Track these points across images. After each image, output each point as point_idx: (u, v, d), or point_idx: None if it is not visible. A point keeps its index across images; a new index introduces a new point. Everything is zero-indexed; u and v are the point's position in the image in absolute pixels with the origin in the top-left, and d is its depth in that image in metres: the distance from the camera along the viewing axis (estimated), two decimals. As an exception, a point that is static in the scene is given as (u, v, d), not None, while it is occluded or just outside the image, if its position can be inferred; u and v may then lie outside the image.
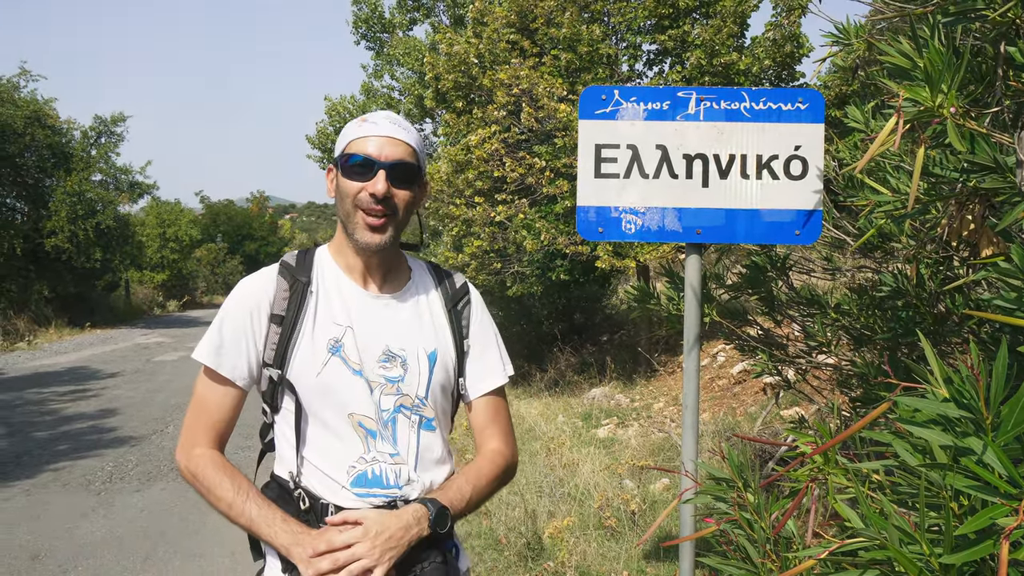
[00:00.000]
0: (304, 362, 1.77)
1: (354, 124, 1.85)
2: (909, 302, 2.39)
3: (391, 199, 1.78)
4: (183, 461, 1.79)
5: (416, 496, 1.78)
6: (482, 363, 1.98)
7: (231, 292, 1.88)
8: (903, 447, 1.08)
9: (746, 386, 8.78)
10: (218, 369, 1.78)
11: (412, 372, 1.84)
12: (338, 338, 1.80)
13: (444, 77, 10.56)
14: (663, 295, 3.20)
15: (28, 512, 5.92)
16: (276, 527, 1.66)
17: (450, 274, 2.03)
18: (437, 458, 1.87)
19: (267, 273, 1.87)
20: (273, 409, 1.84)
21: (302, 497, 1.76)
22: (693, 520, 2.60)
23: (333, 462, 1.77)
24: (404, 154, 1.80)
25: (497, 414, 2.00)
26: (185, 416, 1.86)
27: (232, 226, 45.79)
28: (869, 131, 2.29)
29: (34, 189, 20.88)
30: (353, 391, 1.78)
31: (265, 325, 1.80)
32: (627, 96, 2.56)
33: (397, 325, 1.86)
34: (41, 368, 14.05)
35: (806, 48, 9.96)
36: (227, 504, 1.70)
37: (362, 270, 1.87)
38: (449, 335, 1.93)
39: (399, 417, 1.82)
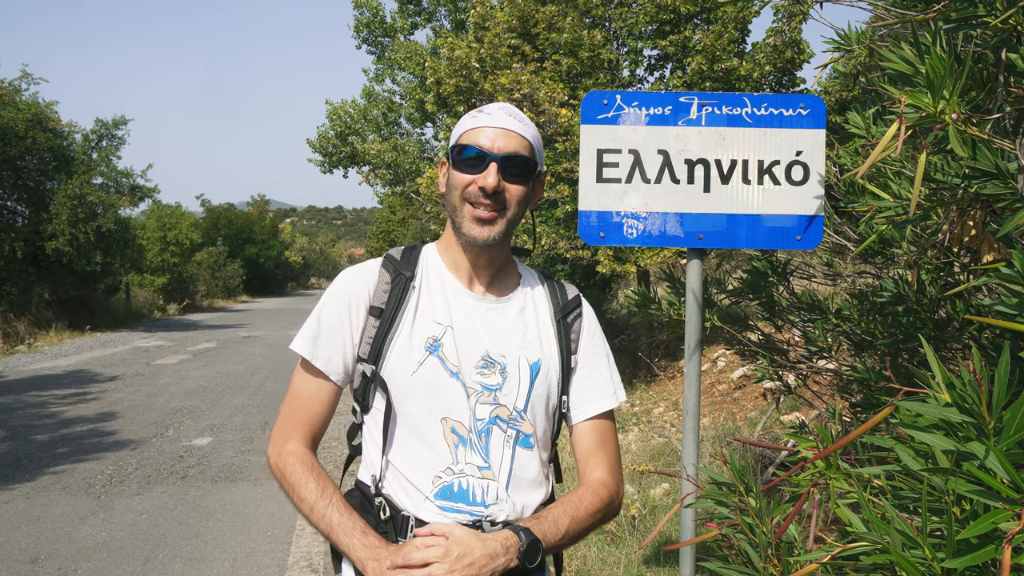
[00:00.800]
0: (400, 359, 1.69)
1: (468, 116, 1.78)
2: (910, 307, 2.39)
3: (502, 193, 1.70)
4: (273, 456, 1.73)
5: (504, 518, 1.67)
6: (590, 383, 1.85)
7: (332, 283, 1.81)
8: (905, 452, 1.08)
9: (746, 391, 8.78)
10: (313, 361, 1.72)
11: (512, 381, 1.73)
12: (437, 337, 1.71)
13: (445, 81, 10.58)
14: (664, 300, 3.20)
15: (28, 515, 5.92)
16: (355, 538, 1.58)
17: (563, 285, 1.92)
18: (532, 479, 1.75)
19: (371, 265, 1.80)
20: (364, 408, 1.75)
21: (383, 506, 1.68)
22: (694, 524, 2.60)
23: (419, 469, 1.68)
24: (518, 147, 1.72)
25: (604, 442, 1.85)
26: (280, 410, 1.80)
27: (233, 230, 45.80)
28: (870, 137, 2.30)
29: (35, 192, 20.89)
30: (449, 394, 1.69)
31: (363, 318, 1.74)
32: (629, 101, 2.57)
33: (500, 330, 1.77)
34: (41, 371, 14.05)
35: (807, 54, 9.98)
36: (309, 506, 1.64)
37: (468, 269, 1.80)
38: (555, 347, 1.81)
39: (493, 429, 1.71)
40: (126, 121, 23.77)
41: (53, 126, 20.96)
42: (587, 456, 1.84)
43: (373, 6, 20.14)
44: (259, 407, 10.26)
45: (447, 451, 1.67)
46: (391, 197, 22.61)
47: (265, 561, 5.05)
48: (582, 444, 1.85)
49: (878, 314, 2.71)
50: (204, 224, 42.00)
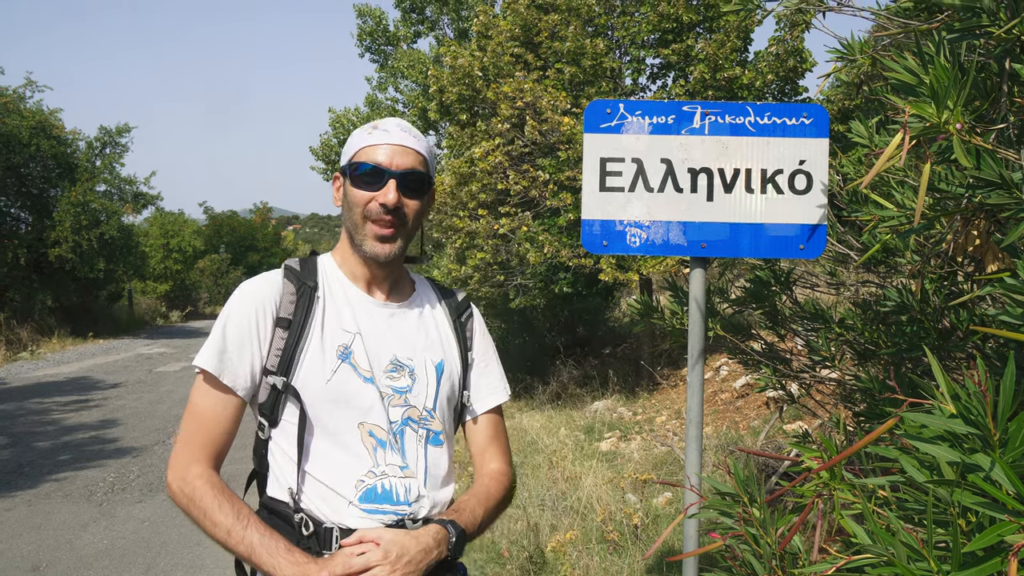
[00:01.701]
0: (312, 368, 1.70)
1: (363, 131, 1.80)
2: (913, 317, 2.38)
3: (401, 209, 1.74)
4: (176, 482, 1.67)
5: (424, 515, 1.72)
6: (485, 379, 1.95)
7: (232, 295, 1.78)
8: (910, 463, 1.08)
9: (749, 400, 8.76)
10: (220, 376, 1.68)
11: (420, 383, 1.79)
12: (347, 344, 1.74)
13: (448, 90, 10.60)
14: (666, 309, 3.20)
15: (30, 522, 5.91)
16: (279, 557, 1.57)
17: (451, 290, 2.01)
18: (444, 475, 1.82)
19: (271, 276, 1.80)
20: (271, 423, 1.73)
21: (304, 521, 1.67)
22: (697, 535, 2.59)
23: (340, 476, 1.69)
24: (415, 163, 1.77)
25: (498, 432, 1.97)
26: (179, 429, 1.74)
27: (235, 237, 45.82)
28: (873, 146, 2.30)
29: (38, 199, 20.93)
30: (365, 399, 1.72)
31: (270, 329, 1.72)
32: (632, 110, 2.56)
33: (404, 334, 1.82)
34: (44, 378, 14.05)
35: (809, 63, 9.99)
36: (226, 531, 1.61)
37: (367, 279, 1.83)
38: (455, 347, 1.90)
39: (407, 430, 1.76)
40: (130, 129, 23.85)
41: (57, 133, 21.02)
42: (484, 448, 1.95)
43: (376, 15, 20.19)
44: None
45: (367, 455, 1.70)
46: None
47: (266, 569, 5.04)
48: (479, 437, 1.95)
49: (882, 323, 2.70)
50: (207, 231, 42.06)
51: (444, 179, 10.50)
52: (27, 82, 20.74)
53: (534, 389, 11.80)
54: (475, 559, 4.99)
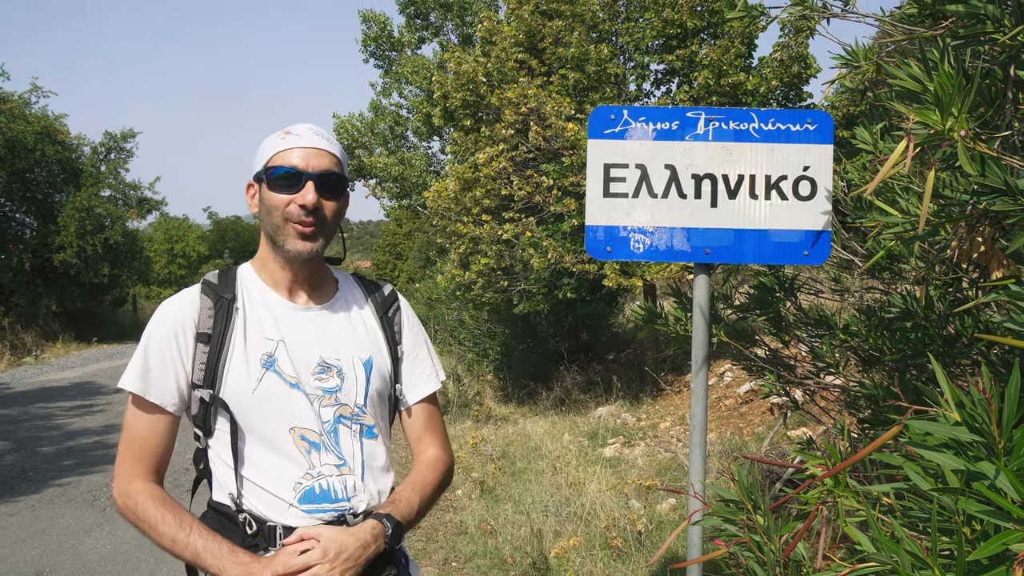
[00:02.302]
0: (238, 379, 1.74)
1: (275, 137, 1.83)
2: (918, 323, 2.38)
3: (320, 210, 1.77)
4: (120, 498, 1.73)
5: (364, 507, 1.78)
6: (416, 369, 1.99)
7: (153, 316, 1.82)
8: (914, 470, 1.07)
9: (753, 406, 8.74)
10: (146, 396, 1.73)
11: (349, 381, 1.83)
12: (271, 352, 1.77)
13: (452, 95, 10.61)
14: (670, 315, 3.20)
15: (33, 527, 5.92)
16: (224, 559, 1.63)
17: (377, 283, 2.04)
18: (382, 466, 1.87)
19: (189, 293, 1.83)
20: (206, 432, 1.78)
21: (248, 521, 1.72)
22: (701, 542, 2.58)
23: (277, 480, 1.74)
24: (330, 164, 1.80)
25: (432, 419, 2.02)
26: (118, 448, 1.79)
27: (239, 242, 45.89)
28: (878, 153, 2.30)
29: (43, 204, 21.01)
30: (293, 404, 1.75)
31: (191, 345, 1.76)
32: (636, 116, 2.57)
33: (329, 335, 1.85)
34: (48, 383, 14.08)
35: (813, 69, 9.99)
36: (170, 539, 1.66)
37: (288, 283, 1.86)
38: (383, 342, 1.93)
39: (340, 427, 1.80)
40: (134, 134, 23.94)
41: (62, 139, 21.10)
42: (420, 435, 1.99)
43: (380, 20, 20.25)
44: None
45: (302, 458, 1.74)
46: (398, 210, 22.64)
47: (270, 575, 5.03)
48: (414, 425, 2.00)
49: (886, 330, 2.69)
50: (211, 236, 42.16)
51: (448, 185, 10.51)
52: (32, 87, 20.85)
53: (537, 395, 11.79)
54: (479, 565, 4.98)
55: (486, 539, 5.37)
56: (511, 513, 5.78)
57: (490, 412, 10.96)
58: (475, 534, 5.52)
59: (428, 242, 19.35)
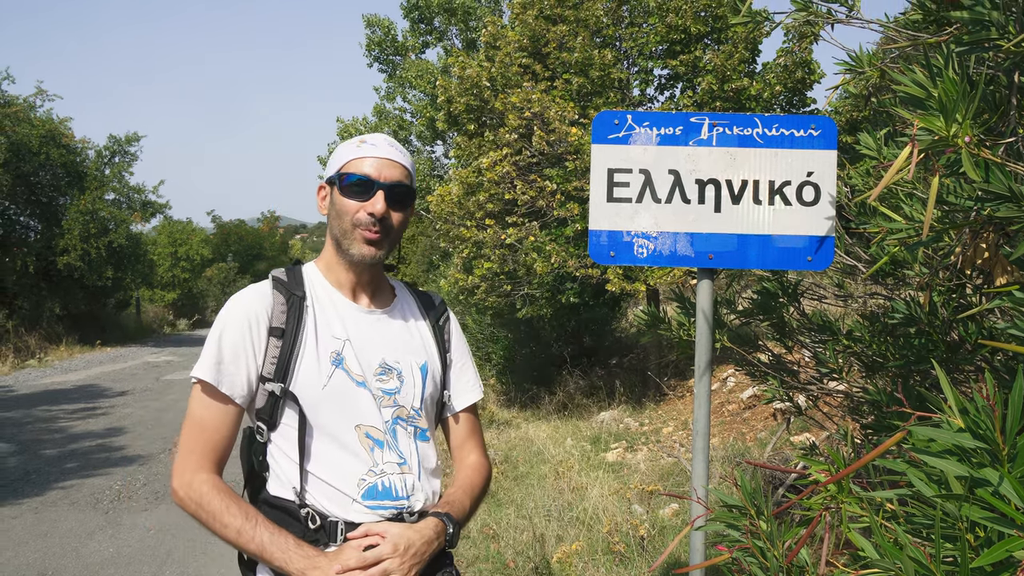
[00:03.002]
0: (309, 374, 1.78)
1: (351, 145, 1.89)
2: (922, 330, 2.37)
3: (388, 219, 1.84)
4: (182, 489, 1.74)
5: (420, 506, 1.83)
6: (463, 377, 2.08)
7: (225, 308, 1.85)
8: (918, 477, 1.07)
9: (756, 411, 8.73)
10: (219, 386, 1.76)
11: (407, 384, 1.89)
12: (339, 351, 1.82)
13: (456, 100, 10.63)
14: (674, 320, 3.20)
15: (36, 530, 5.92)
16: (290, 552, 1.66)
17: (428, 293, 2.12)
18: (433, 468, 1.92)
19: (261, 288, 1.87)
20: (270, 426, 1.81)
21: (311, 516, 1.75)
22: (703, 547, 2.58)
23: (341, 475, 1.78)
24: (401, 176, 1.86)
25: (475, 427, 2.10)
26: (180, 439, 1.81)
27: (243, 246, 45.99)
28: (882, 158, 2.30)
29: (48, 207, 21.05)
30: (359, 402, 1.81)
31: (264, 339, 1.80)
32: (640, 121, 2.57)
33: (390, 339, 1.92)
34: (51, 385, 14.10)
35: (817, 74, 10.00)
36: (236, 531, 1.68)
37: (352, 286, 1.92)
38: (435, 349, 2.01)
39: (398, 428, 1.86)
40: (139, 138, 23.98)
41: (67, 142, 21.16)
42: (463, 442, 2.07)
43: (385, 25, 20.29)
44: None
45: (366, 455, 1.79)
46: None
47: (272, 579, 5.03)
48: (458, 432, 2.07)
49: (889, 336, 2.69)
50: (214, 240, 42.23)
51: (452, 189, 10.52)
52: (37, 91, 20.91)
53: (540, 399, 11.79)
54: (481, 569, 4.98)
55: (488, 543, 5.37)
56: (513, 517, 5.77)
57: (493, 416, 10.95)
58: (477, 538, 5.52)
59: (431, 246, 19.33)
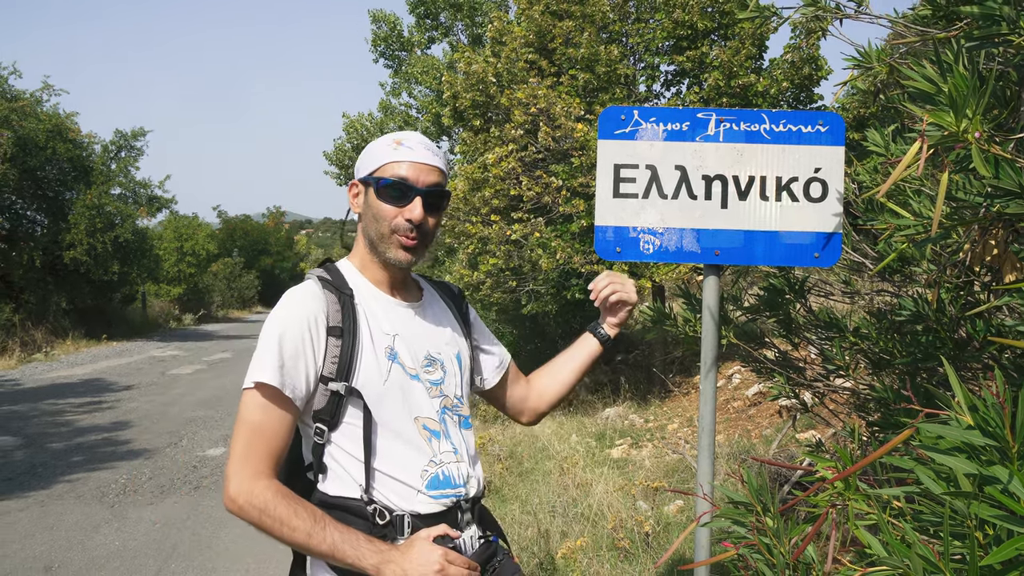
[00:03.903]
0: (370, 371, 1.80)
1: (388, 145, 1.87)
2: (929, 327, 2.36)
3: (425, 224, 1.86)
4: (243, 496, 1.68)
5: (474, 493, 1.89)
6: (489, 355, 2.22)
7: (279, 309, 1.81)
8: (926, 474, 1.06)
9: (761, 408, 8.72)
10: (283, 389, 1.72)
11: (449, 374, 1.95)
12: (391, 346, 1.86)
13: (462, 96, 10.62)
14: (680, 316, 3.19)
15: (42, 523, 5.94)
16: (362, 548, 1.67)
17: (445, 283, 2.20)
18: (475, 454, 1.97)
19: (311, 287, 1.85)
20: (331, 426, 1.79)
21: (378, 511, 1.76)
22: (709, 544, 2.57)
23: (405, 468, 1.80)
24: (438, 179, 1.88)
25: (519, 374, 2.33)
26: (234, 445, 1.73)
27: (248, 241, 46.07)
28: (889, 155, 2.29)
29: (54, 202, 21.09)
30: (415, 395, 1.85)
31: (323, 339, 1.78)
32: (646, 116, 2.56)
33: (429, 331, 1.97)
34: (57, 379, 14.14)
35: (824, 70, 9.96)
36: (305, 534, 1.65)
37: (388, 283, 1.95)
38: (463, 336, 2.07)
39: (446, 418, 1.91)
40: (144, 132, 24.02)
41: (73, 137, 21.19)
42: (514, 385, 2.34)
43: (390, 20, 20.27)
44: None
45: (425, 446, 1.83)
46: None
47: (276, 572, 5.05)
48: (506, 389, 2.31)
49: (896, 333, 2.68)
50: (220, 235, 42.30)
51: (457, 184, 10.52)
52: (44, 86, 20.93)
53: (545, 395, 11.77)
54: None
55: (493, 539, 5.37)
56: (518, 513, 5.78)
57: (497, 411, 10.95)
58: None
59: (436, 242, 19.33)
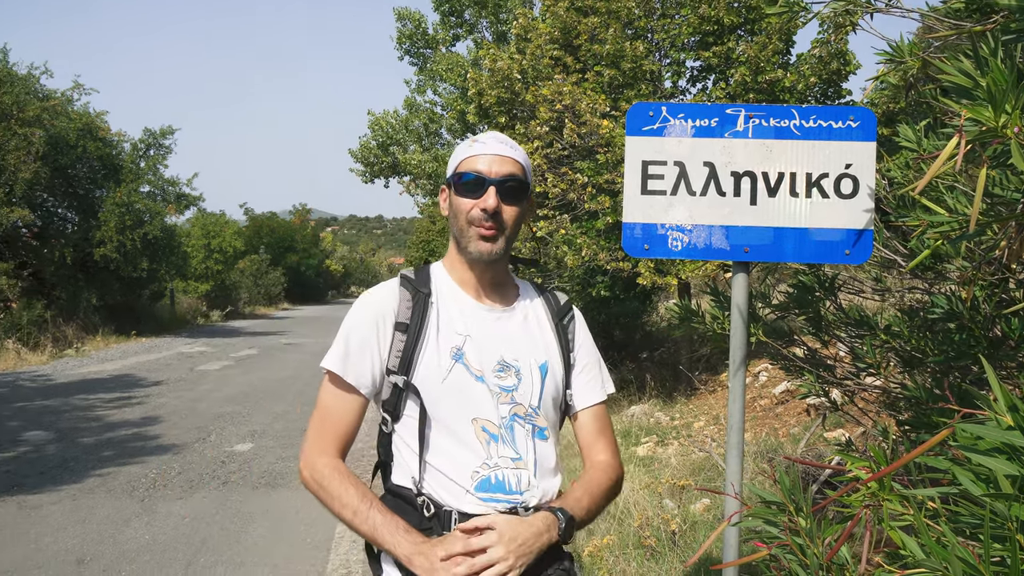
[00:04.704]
0: (429, 368, 1.85)
1: (464, 145, 1.97)
2: (963, 325, 2.33)
3: (500, 214, 1.88)
4: (307, 470, 1.85)
5: (535, 503, 1.85)
6: (588, 376, 2.06)
7: (356, 303, 1.96)
8: (966, 476, 1.05)
9: (788, 407, 8.65)
10: (344, 376, 1.86)
11: (525, 382, 1.92)
12: (459, 346, 1.88)
13: (487, 93, 10.61)
14: (707, 313, 3.17)
15: (74, 516, 6.03)
16: (399, 536, 1.73)
17: (554, 292, 2.13)
18: (552, 467, 1.93)
19: (389, 286, 1.97)
20: (394, 417, 1.88)
21: (426, 504, 1.81)
22: (737, 543, 2.56)
23: (457, 467, 1.83)
24: (513, 169, 1.90)
25: (605, 428, 2.07)
26: (309, 425, 1.92)
27: (275, 238, 46.41)
28: (921, 150, 2.25)
29: (84, 200, 21.36)
30: (477, 396, 1.86)
31: (390, 334, 1.88)
32: (675, 113, 2.55)
33: (510, 337, 1.95)
34: (88, 375, 14.34)
35: (853, 65, 9.85)
36: (352, 511, 1.77)
37: (475, 284, 1.97)
38: (557, 348, 2.01)
39: (515, 425, 1.89)
40: (173, 131, 24.24)
41: (103, 135, 21.45)
42: (592, 441, 2.04)
43: (415, 18, 20.30)
44: (299, 414, 10.35)
45: (481, 447, 1.83)
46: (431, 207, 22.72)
47: (304, 568, 5.08)
48: (585, 430, 2.05)
49: (929, 331, 2.65)
50: (247, 232, 42.65)
51: (482, 181, 10.51)
52: (75, 85, 21.18)
53: (570, 392, 11.74)
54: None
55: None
56: (544, 511, 5.77)
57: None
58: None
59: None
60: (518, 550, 1.70)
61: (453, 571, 1.65)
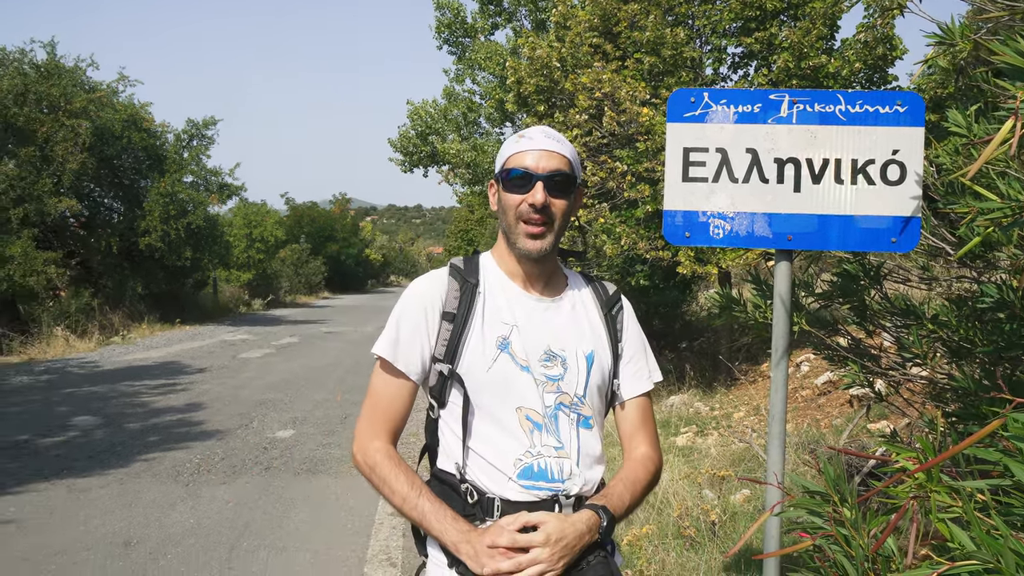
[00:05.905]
0: (474, 357, 1.88)
1: (512, 140, 1.98)
2: (1014, 314, 2.28)
3: (549, 208, 1.89)
4: (359, 454, 1.90)
5: (576, 491, 1.86)
6: (635, 367, 2.07)
7: (406, 291, 1.99)
8: (1018, 467, 1.02)
9: (831, 397, 8.54)
10: (394, 362, 1.90)
11: (572, 372, 1.93)
12: (505, 336, 1.90)
13: (526, 81, 10.58)
14: (749, 302, 3.13)
15: (121, 500, 6.16)
16: (447, 523, 1.76)
17: (603, 283, 2.14)
18: (596, 457, 1.95)
19: (438, 274, 2.00)
20: (440, 404, 1.93)
21: (469, 491, 1.84)
22: (779, 534, 2.53)
23: (499, 454, 1.85)
24: (560, 164, 1.91)
25: (645, 418, 2.08)
26: (361, 410, 1.96)
27: (315, 227, 46.82)
28: (972, 135, 2.20)
29: (130, 190, 21.72)
30: (522, 385, 1.88)
31: (437, 322, 1.92)
32: (717, 99, 2.51)
33: (557, 327, 1.97)
34: (134, 362, 14.62)
35: (899, 50, 9.63)
36: (401, 497, 1.81)
37: (523, 276, 1.99)
38: (605, 338, 2.02)
39: (560, 414, 1.90)
40: (215, 121, 24.53)
41: (147, 126, 21.78)
42: (633, 432, 2.05)
43: (454, 7, 20.29)
44: (339, 402, 10.46)
45: (524, 436, 1.86)
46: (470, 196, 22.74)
47: (345, 554, 5.14)
48: (627, 421, 2.06)
49: (978, 321, 2.59)
50: (288, 222, 43.09)
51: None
52: (120, 76, 21.53)
53: (609, 382, 11.71)
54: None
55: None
56: (582, 499, 5.77)
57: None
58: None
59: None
60: (561, 551, 1.71)
61: (498, 565, 1.68)
